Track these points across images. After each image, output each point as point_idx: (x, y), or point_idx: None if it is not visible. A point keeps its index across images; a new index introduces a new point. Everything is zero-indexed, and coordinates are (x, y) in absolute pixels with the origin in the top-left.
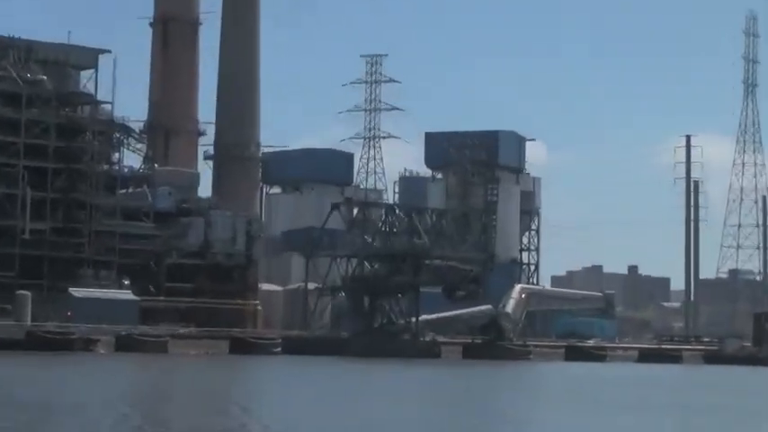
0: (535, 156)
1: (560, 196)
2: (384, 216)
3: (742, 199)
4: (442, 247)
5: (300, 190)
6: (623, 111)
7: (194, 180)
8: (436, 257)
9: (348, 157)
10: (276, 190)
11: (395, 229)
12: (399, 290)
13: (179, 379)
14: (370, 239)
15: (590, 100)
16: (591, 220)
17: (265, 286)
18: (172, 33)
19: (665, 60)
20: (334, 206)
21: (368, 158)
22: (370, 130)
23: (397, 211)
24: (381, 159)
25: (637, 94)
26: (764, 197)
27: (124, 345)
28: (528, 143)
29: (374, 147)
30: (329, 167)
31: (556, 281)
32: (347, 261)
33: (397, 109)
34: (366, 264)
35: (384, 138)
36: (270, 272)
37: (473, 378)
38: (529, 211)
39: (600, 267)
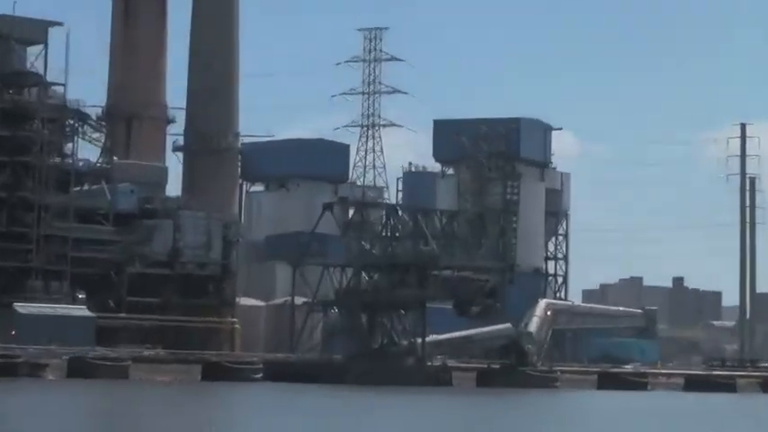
0: (563, 148)
1: (593, 195)
2: (385, 218)
3: None
4: (453, 254)
5: (287, 187)
6: (667, 95)
7: (161, 175)
8: (446, 267)
9: (343, 150)
10: (258, 187)
11: (397, 234)
12: (403, 305)
13: (141, 411)
14: (368, 246)
15: (627, 83)
16: (629, 223)
17: (245, 301)
18: (135, 4)
19: (713, 35)
20: (327, 206)
21: (366, 150)
22: (368, 116)
23: (399, 213)
24: (382, 151)
25: (682, 77)
26: None
27: (78, 370)
28: (554, 133)
29: (373, 137)
30: (321, 161)
31: (588, 295)
32: (341, 271)
33: (401, 92)
34: (363, 274)
35: (385, 126)
36: (250, 284)
37: (489, 410)
38: (555, 213)
39: (639, 279)
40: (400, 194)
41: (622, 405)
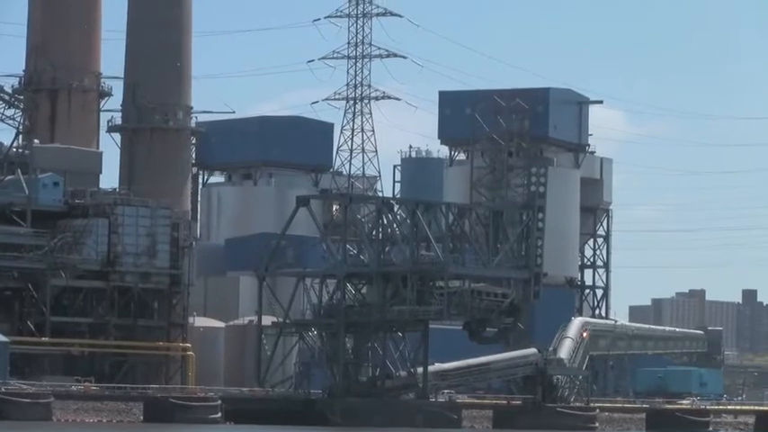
0: (604, 126)
1: (642, 186)
2: (376, 215)
3: None
4: (463, 261)
5: (253, 179)
6: (736, 64)
7: (94, 162)
8: (454, 277)
9: (325, 130)
10: (217, 178)
11: (392, 235)
12: (399, 326)
13: None
14: (354, 251)
15: (690, 43)
16: (689, 222)
17: (200, 321)
18: None
19: None
20: (302, 201)
21: (353, 130)
22: (355, 87)
23: (395, 208)
24: (373, 131)
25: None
26: None
27: None
28: (592, 107)
29: (362, 113)
30: (297, 145)
31: (636, 312)
32: (321, 283)
33: (397, 55)
34: (349, 287)
35: (377, 99)
36: (207, 300)
37: None
38: (593, 209)
39: (701, 293)
40: (398, 186)
41: None
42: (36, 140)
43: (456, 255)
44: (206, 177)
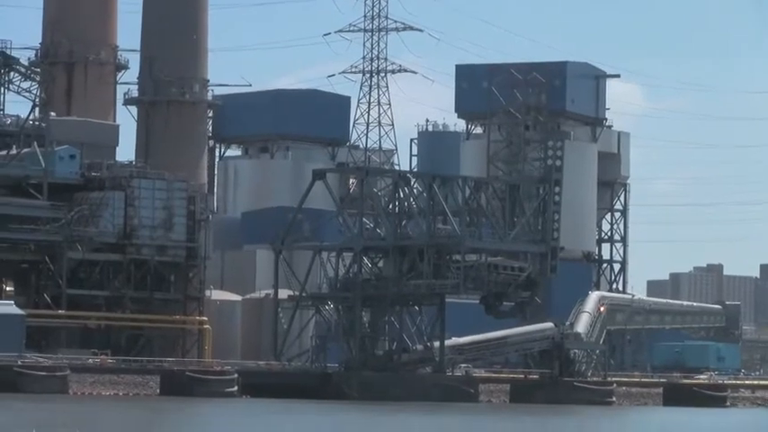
0: (621, 100)
1: (660, 161)
2: (393, 189)
3: None
4: (480, 235)
5: (270, 152)
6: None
7: (110, 135)
8: (471, 251)
9: (342, 103)
10: (234, 151)
11: (409, 209)
12: (415, 299)
13: None
14: (371, 224)
15: (707, 16)
16: (707, 196)
17: (216, 294)
18: None
19: None
20: (318, 174)
21: (369, 103)
22: (372, 60)
23: (412, 182)
24: (389, 105)
25: None
26: None
27: (2, 381)
28: (610, 81)
29: (378, 86)
30: (314, 118)
31: (655, 287)
32: (337, 256)
33: (413, 28)
34: (366, 260)
35: (394, 72)
36: (224, 273)
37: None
38: (611, 183)
39: (719, 267)
40: (414, 160)
41: (694, 426)
42: (53, 113)
43: (473, 228)
44: (223, 151)
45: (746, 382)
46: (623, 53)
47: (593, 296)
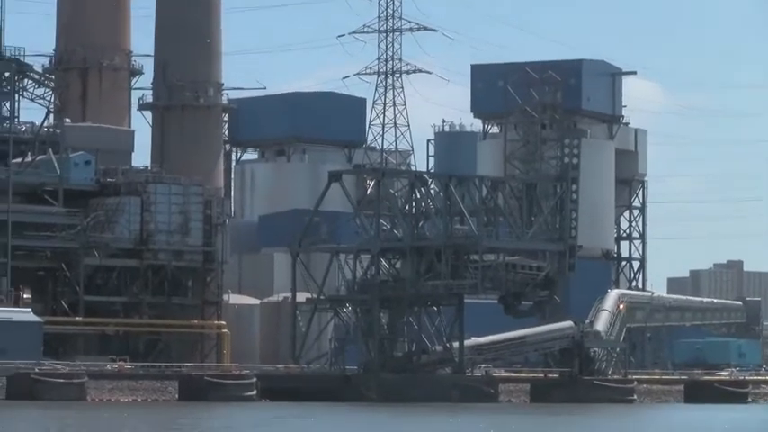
0: (638, 98)
1: (678, 158)
2: (410, 190)
3: None
4: (498, 235)
5: (287, 155)
6: None
7: (126, 141)
8: (488, 251)
9: (358, 105)
10: (251, 155)
11: (425, 210)
12: (434, 300)
13: None
14: (388, 226)
15: (725, 12)
16: (724, 193)
17: (234, 299)
18: None
19: None
20: (334, 176)
21: (384, 104)
22: (386, 61)
23: (429, 182)
24: (405, 106)
25: None
26: None
27: (20, 389)
28: (626, 79)
29: (393, 87)
30: (329, 120)
31: (675, 284)
32: (355, 258)
33: (427, 29)
34: (383, 262)
35: (408, 73)
36: (242, 277)
37: None
38: (629, 181)
39: (739, 264)
40: (431, 161)
41: (716, 422)
42: (67, 120)
43: (490, 228)
44: (239, 155)
45: (767, 378)
46: (641, 51)
47: (613, 294)
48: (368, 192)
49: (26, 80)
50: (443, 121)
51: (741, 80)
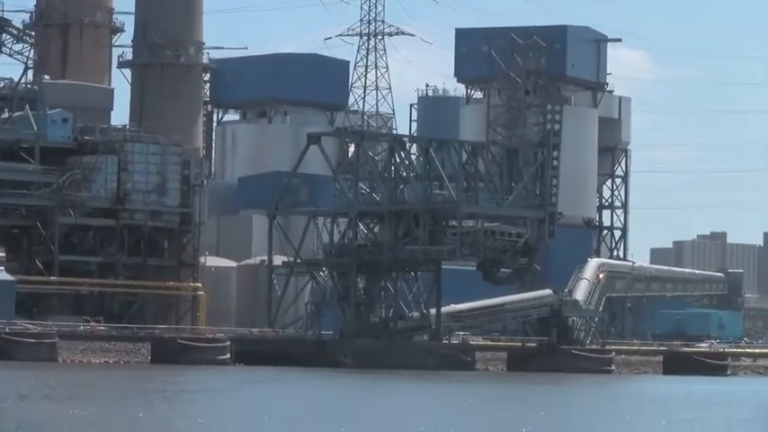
0: (622, 65)
1: (662, 126)
2: (389, 153)
3: None
4: (477, 200)
5: (268, 116)
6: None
7: (104, 99)
8: (468, 216)
9: (341, 67)
10: (232, 116)
11: (405, 174)
12: (412, 265)
13: (62, 412)
14: (366, 189)
15: None
16: (710, 164)
17: (211, 261)
18: None
19: None
20: (312, 139)
21: (366, 67)
22: (369, 22)
23: (408, 146)
24: (387, 68)
25: None
26: None
27: None
28: (611, 46)
29: (376, 49)
30: (312, 82)
31: (659, 255)
32: (332, 222)
33: None
34: (361, 226)
35: (391, 35)
36: (219, 239)
37: (522, 401)
38: (612, 149)
39: (722, 235)
40: (414, 125)
41: (694, 395)
42: (46, 77)
43: (470, 194)
44: (221, 115)
45: (748, 350)
46: (628, 19)
47: (592, 263)
48: (349, 155)
49: (4, 35)
50: (427, 86)
51: (730, 49)
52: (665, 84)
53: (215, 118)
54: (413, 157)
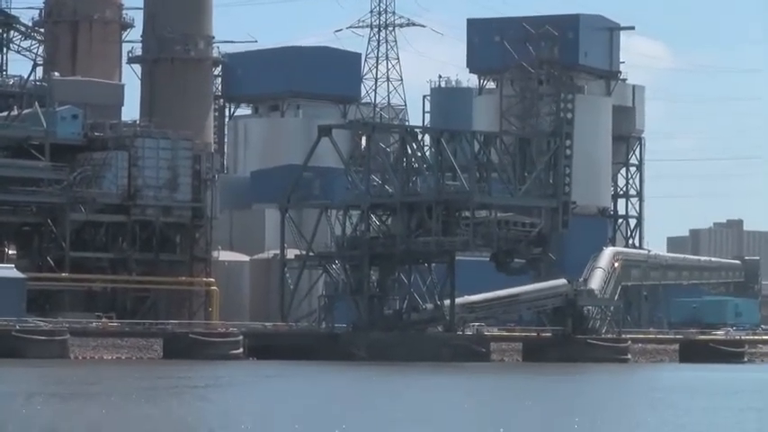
0: (636, 53)
1: (675, 115)
2: (401, 145)
3: None
4: (490, 190)
5: (280, 110)
6: None
7: (114, 95)
8: (481, 207)
9: (353, 60)
10: (244, 110)
11: (417, 165)
12: (425, 257)
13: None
14: (378, 181)
15: None
16: (725, 151)
17: (224, 255)
18: None
19: None
20: (323, 131)
21: (377, 58)
22: (380, 14)
23: (420, 137)
24: (398, 60)
25: None
26: None
27: (1, 347)
28: (624, 34)
29: (387, 40)
30: (324, 75)
31: (675, 243)
32: (345, 214)
33: None
34: (373, 218)
35: (402, 26)
36: (232, 233)
37: (538, 392)
38: (626, 138)
39: (739, 223)
40: (427, 117)
41: (711, 382)
42: (56, 73)
43: (482, 184)
44: (233, 110)
45: (764, 337)
46: (643, 7)
47: (607, 252)
48: (362, 148)
49: (12, 32)
50: (439, 77)
51: (744, 37)
52: (679, 72)
53: (227, 112)
54: (425, 148)
